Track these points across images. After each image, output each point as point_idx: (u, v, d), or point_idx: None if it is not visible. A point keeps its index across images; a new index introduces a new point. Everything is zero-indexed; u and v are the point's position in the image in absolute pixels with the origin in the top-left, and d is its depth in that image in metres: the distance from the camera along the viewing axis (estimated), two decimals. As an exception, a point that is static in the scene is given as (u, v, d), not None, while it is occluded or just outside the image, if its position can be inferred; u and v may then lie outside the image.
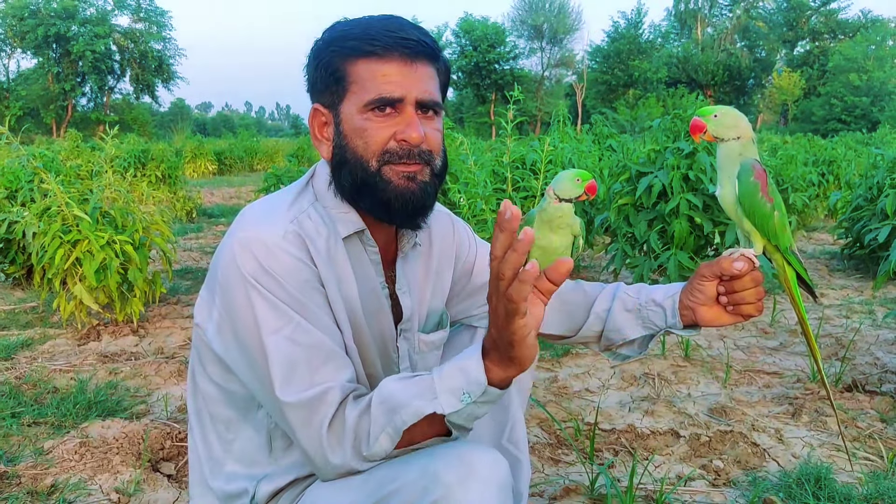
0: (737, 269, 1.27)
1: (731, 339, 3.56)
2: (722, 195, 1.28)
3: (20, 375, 2.93)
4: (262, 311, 1.14)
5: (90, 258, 3.30)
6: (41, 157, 5.10)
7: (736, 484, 2.11)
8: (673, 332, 1.41)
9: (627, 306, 1.45)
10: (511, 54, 53.76)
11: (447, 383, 1.06)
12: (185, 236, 7.34)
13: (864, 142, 16.08)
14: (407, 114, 1.19)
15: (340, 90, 1.20)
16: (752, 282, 1.28)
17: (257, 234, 1.17)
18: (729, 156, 1.26)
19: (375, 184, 1.20)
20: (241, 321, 1.16)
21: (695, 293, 1.34)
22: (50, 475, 2.03)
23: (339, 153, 1.22)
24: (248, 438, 1.28)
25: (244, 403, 1.27)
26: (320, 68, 1.22)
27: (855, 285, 4.96)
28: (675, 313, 1.38)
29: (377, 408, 1.09)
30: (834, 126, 39.22)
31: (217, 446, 1.30)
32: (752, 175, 1.23)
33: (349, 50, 1.19)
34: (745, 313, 1.31)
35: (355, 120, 1.19)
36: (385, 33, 1.17)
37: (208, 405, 1.31)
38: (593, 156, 6.22)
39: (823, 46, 52.56)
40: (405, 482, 1.06)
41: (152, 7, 48.50)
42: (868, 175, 5.61)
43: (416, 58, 1.19)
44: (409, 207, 1.22)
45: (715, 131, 1.26)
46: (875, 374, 3.01)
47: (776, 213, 1.25)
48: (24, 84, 45.98)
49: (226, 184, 15.71)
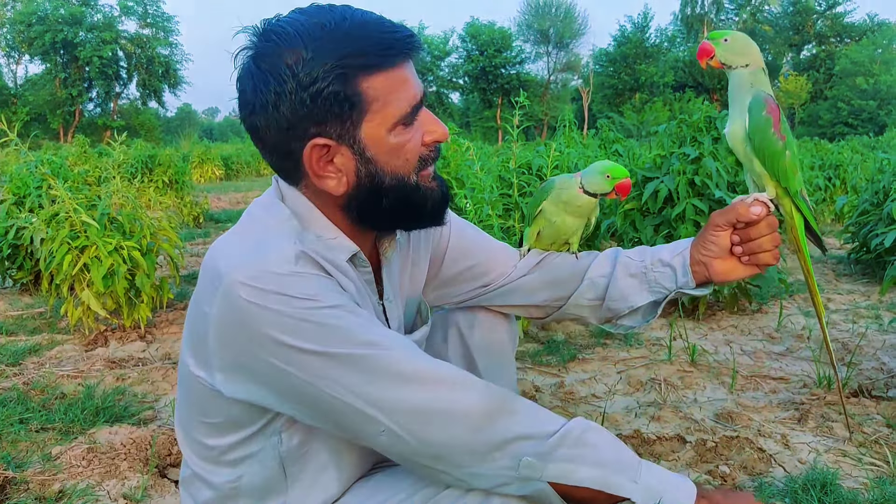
0: (754, 214, 1.21)
1: (738, 345, 3.56)
2: (731, 131, 1.21)
3: (28, 381, 2.95)
4: (309, 337, 0.99)
5: (98, 264, 3.32)
6: (49, 164, 5.14)
7: (742, 489, 2.11)
8: (684, 292, 1.32)
9: (631, 270, 1.37)
10: (517, 59, 53.83)
11: (650, 479, 1.03)
12: (193, 241, 7.36)
13: (871, 146, 16.04)
14: (425, 113, 1.11)
15: (356, 114, 1.04)
16: (768, 227, 1.23)
17: (260, 268, 1.00)
18: (740, 86, 1.19)
19: (417, 197, 1.12)
20: (308, 386, 1.00)
21: (708, 245, 1.28)
22: (58, 481, 2.04)
23: (368, 181, 1.09)
24: (255, 473, 1.15)
25: (254, 438, 1.13)
26: (317, 99, 1.02)
27: (861, 290, 4.94)
28: (686, 271, 1.31)
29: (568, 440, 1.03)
30: (841, 130, 39.17)
31: (226, 483, 1.17)
32: (763, 109, 1.17)
33: (360, 67, 1.02)
34: (762, 262, 1.25)
35: (388, 140, 1.07)
36: (389, 36, 1.04)
37: (213, 454, 1.17)
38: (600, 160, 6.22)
39: (830, 50, 52.47)
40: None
41: (159, 13, 48.79)
42: (874, 179, 5.60)
43: (414, 51, 1.08)
44: (439, 208, 1.18)
45: (724, 57, 1.20)
46: (881, 380, 3.00)
47: (787, 153, 1.18)
48: (31, 89, 46.28)
49: (233, 189, 15.75)
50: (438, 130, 1.11)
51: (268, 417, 1.10)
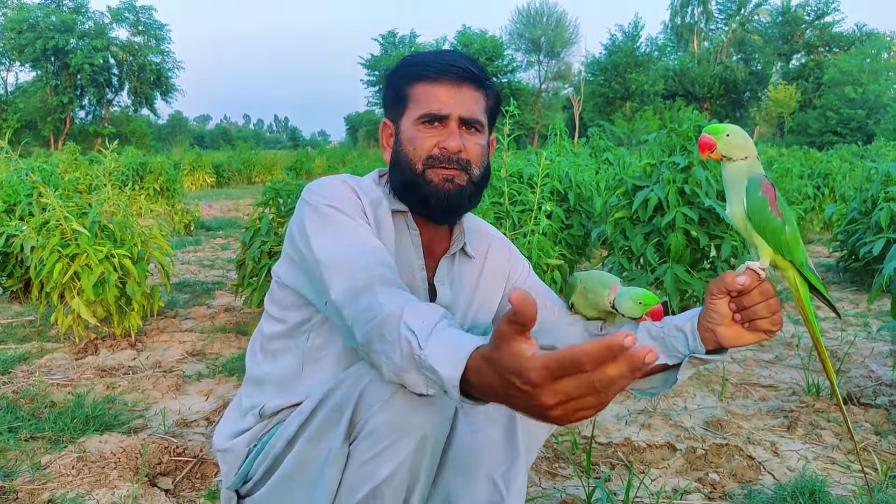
0: (739, 284, 1.25)
1: (728, 353, 3.58)
2: (732, 212, 1.26)
3: (17, 390, 2.93)
4: (310, 219, 1.36)
5: (88, 272, 3.31)
6: (40, 171, 5.12)
7: (732, 497, 2.12)
8: (697, 356, 1.37)
9: (653, 334, 1.44)
10: (509, 67, 53.88)
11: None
12: (184, 249, 7.34)
13: (860, 154, 16.14)
14: (450, 128, 1.42)
15: (402, 107, 1.45)
16: (760, 295, 1.26)
17: (319, 179, 1.46)
18: (736, 174, 1.25)
19: (419, 183, 1.42)
20: (298, 233, 1.37)
21: (710, 313, 1.33)
22: (47, 490, 2.04)
23: (395, 157, 1.47)
24: (287, 364, 1.46)
25: (294, 332, 1.45)
26: (389, 89, 1.48)
27: (850, 298, 4.98)
28: (695, 336, 1.36)
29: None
30: (830, 138, 39.35)
31: (263, 371, 1.50)
32: (759, 189, 1.22)
33: (409, 75, 1.44)
34: (761, 328, 1.29)
35: (409, 131, 1.43)
36: (438, 62, 1.42)
37: (267, 343, 1.51)
38: (590, 169, 6.25)
39: (818, 59, 52.77)
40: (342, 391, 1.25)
41: (150, 21, 48.59)
42: (863, 188, 5.65)
43: (462, 82, 1.42)
44: (444, 205, 1.43)
45: (725, 150, 1.25)
46: (869, 387, 3.03)
47: (787, 228, 1.22)
48: (22, 97, 45.98)
49: (224, 196, 15.72)
50: (449, 143, 1.40)
51: (305, 314, 1.43)
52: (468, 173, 1.43)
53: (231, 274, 5.78)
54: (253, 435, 1.47)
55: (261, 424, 1.46)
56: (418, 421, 1.19)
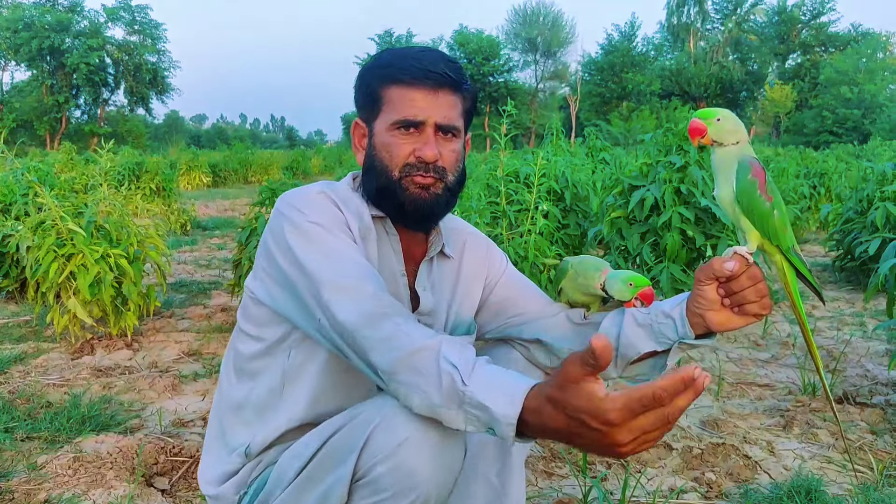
0: (728, 270, 1.25)
1: (724, 352, 3.58)
2: (720, 195, 1.25)
3: (13, 390, 2.93)
4: (293, 236, 1.30)
5: (84, 272, 3.30)
6: (35, 171, 5.11)
7: (728, 496, 2.12)
8: (686, 342, 1.37)
9: (639, 321, 1.43)
10: (505, 67, 53.96)
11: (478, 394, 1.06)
12: (180, 249, 7.34)
13: (856, 154, 16.19)
14: (426, 135, 1.37)
15: (376, 109, 1.40)
16: (749, 280, 1.26)
17: (294, 191, 1.39)
18: (727, 157, 1.24)
19: (395, 190, 1.39)
20: (278, 250, 1.32)
21: (698, 299, 1.32)
22: (43, 490, 2.03)
23: (368, 161, 1.43)
24: (266, 385, 1.40)
25: (273, 349, 1.40)
26: (362, 88, 1.43)
27: (846, 297, 4.99)
28: (684, 322, 1.35)
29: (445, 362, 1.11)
30: (826, 138, 39.42)
31: (242, 394, 1.43)
32: (749, 173, 1.21)
33: (385, 77, 1.38)
34: (750, 313, 1.29)
35: (384, 136, 1.39)
36: (416, 65, 1.36)
37: (245, 363, 1.44)
38: (587, 169, 6.25)
39: (815, 59, 52.92)
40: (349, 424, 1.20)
41: (146, 20, 48.56)
42: (859, 188, 5.66)
43: (440, 87, 1.37)
44: (420, 213, 1.40)
45: (716, 135, 1.23)
46: (865, 386, 3.03)
47: (775, 212, 1.21)
48: (17, 96, 45.94)
49: (220, 196, 15.71)
50: (426, 152, 1.36)
51: (282, 331, 1.38)
52: (444, 181, 1.40)
53: (227, 274, 5.78)
54: (241, 480, 1.41)
55: (248, 466, 1.41)
56: (423, 478, 1.14)
